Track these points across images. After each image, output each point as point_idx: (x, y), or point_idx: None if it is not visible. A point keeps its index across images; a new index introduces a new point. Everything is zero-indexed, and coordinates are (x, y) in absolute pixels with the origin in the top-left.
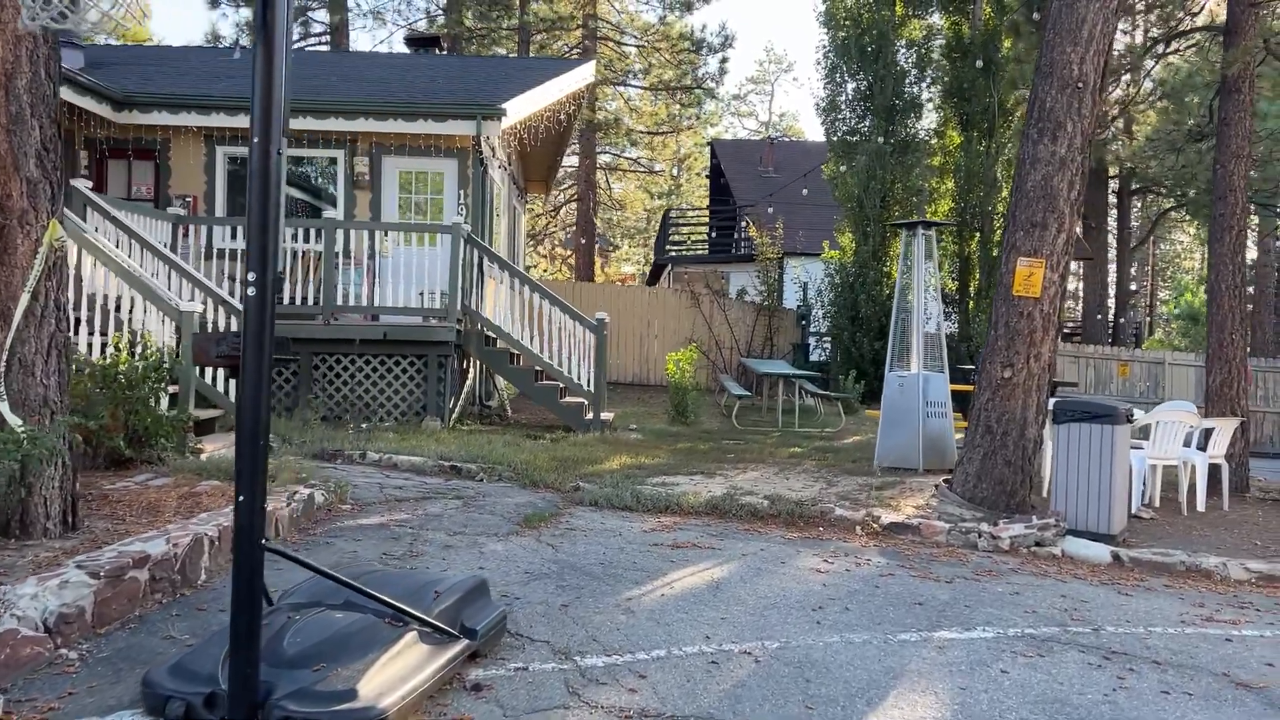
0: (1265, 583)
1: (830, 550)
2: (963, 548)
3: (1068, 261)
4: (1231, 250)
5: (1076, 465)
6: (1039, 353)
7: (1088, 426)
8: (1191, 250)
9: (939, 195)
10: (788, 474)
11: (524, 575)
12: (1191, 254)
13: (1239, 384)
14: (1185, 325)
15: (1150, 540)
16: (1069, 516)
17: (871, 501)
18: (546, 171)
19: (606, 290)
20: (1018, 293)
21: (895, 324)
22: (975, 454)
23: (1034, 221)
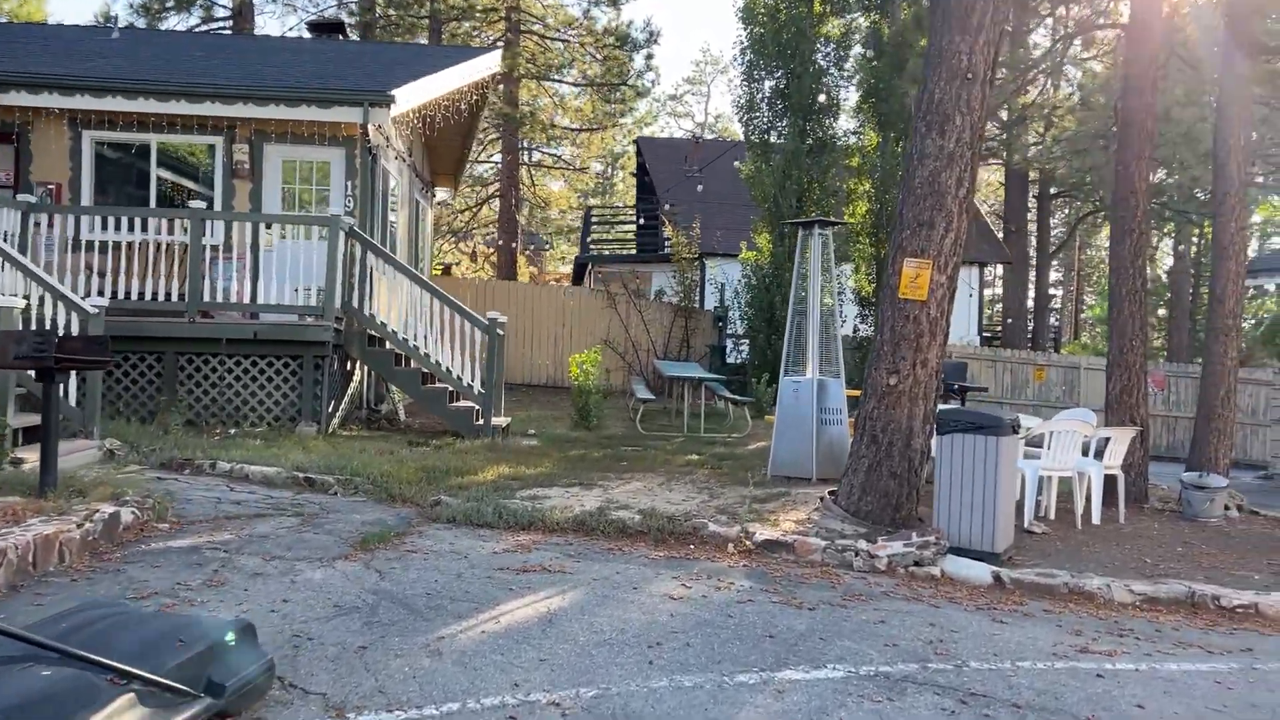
0: (1148, 605)
1: (694, 572)
2: (838, 567)
3: (957, 263)
4: (1132, 254)
5: (960, 479)
6: (926, 359)
7: (971, 438)
8: None
9: (856, 196)
10: (675, 484)
11: (331, 610)
12: None
13: (1139, 391)
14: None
15: (1038, 558)
16: (952, 533)
17: (750, 516)
18: (455, 165)
19: (522, 290)
20: (904, 295)
21: (791, 326)
22: (860, 465)
23: (921, 220)
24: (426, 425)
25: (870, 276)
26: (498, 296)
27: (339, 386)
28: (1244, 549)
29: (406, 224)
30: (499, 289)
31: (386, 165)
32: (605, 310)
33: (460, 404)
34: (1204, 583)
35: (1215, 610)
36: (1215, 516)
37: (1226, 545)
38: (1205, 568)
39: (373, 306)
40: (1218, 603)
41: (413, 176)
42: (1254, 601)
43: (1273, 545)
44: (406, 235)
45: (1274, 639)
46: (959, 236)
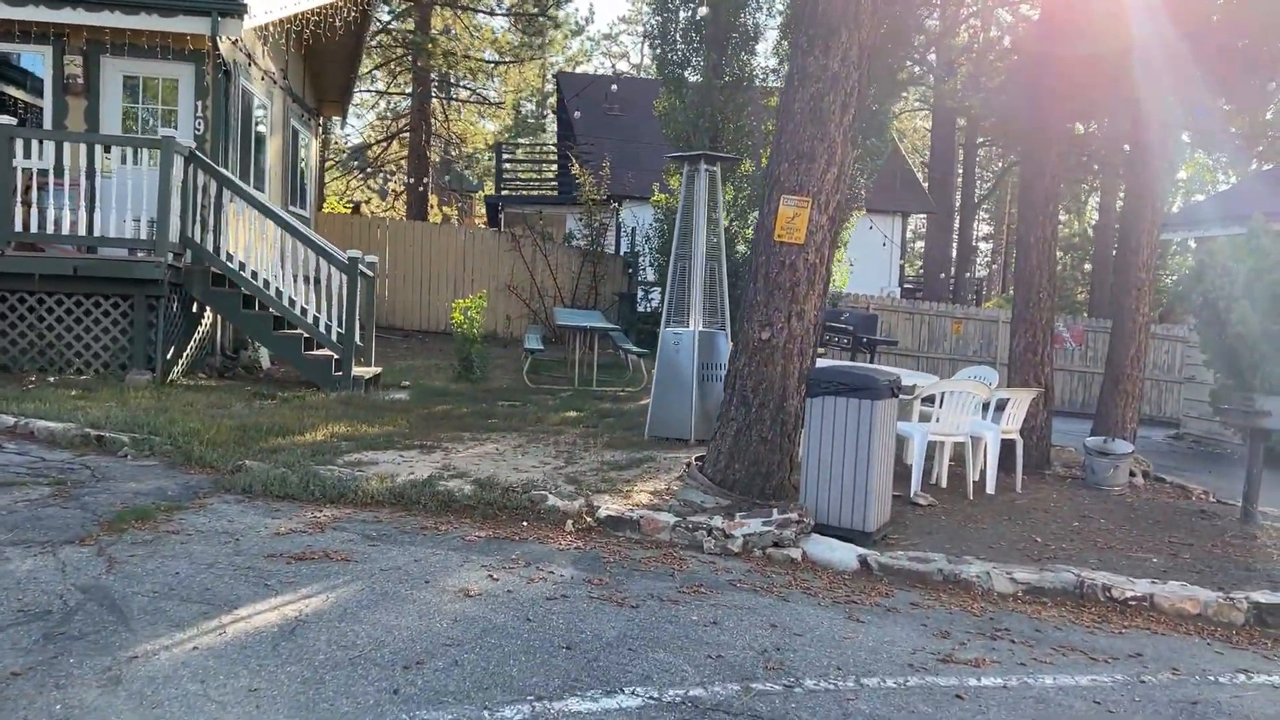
0: (1031, 598)
1: (512, 557)
2: (686, 549)
3: (840, 201)
4: (1043, 199)
5: (830, 448)
6: (802, 310)
7: (844, 401)
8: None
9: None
10: (537, 446)
11: (13, 615)
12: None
13: (1044, 349)
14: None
15: (918, 536)
16: (821, 509)
17: (602, 486)
18: (341, 92)
19: (418, 230)
20: (779, 238)
21: (673, 273)
22: (729, 429)
23: (800, 151)
24: (291, 376)
25: None
26: (393, 237)
27: (181, 330)
28: (1145, 523)
29: (281, 153)
30: (394, 229)
31: (249, 86)
32: (509, 254)
33: (318, 352)
34: (1097, 567)
35: (1105, 603)
36: (1119, 485)
37: (1127, 519)
38: (1101, 547)
39: (222, 242)
40: (1109, 594)
41: (288, 101)
42: (1148, 593)
43: (1175, 518)
44: (281, 166)
45: (1166, 640)
46: (843, 171)
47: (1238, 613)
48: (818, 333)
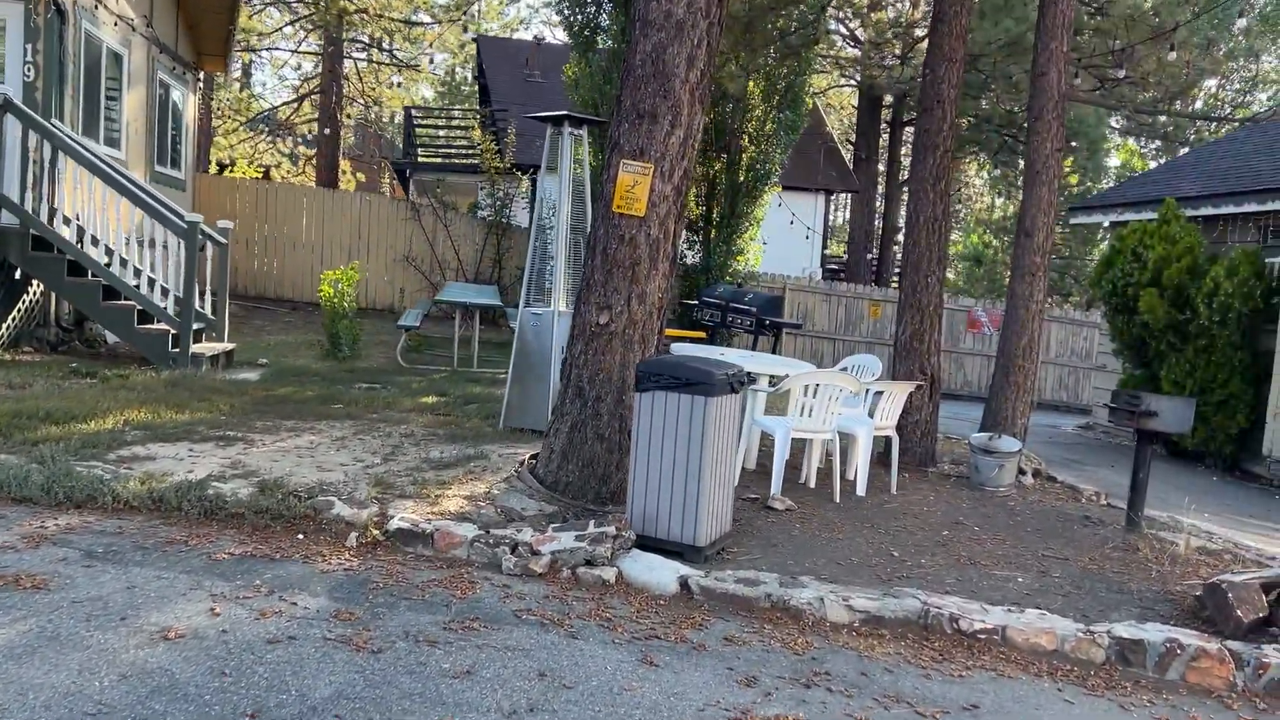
0: (868, 630)
1: (257, 582)
2: (483, 569)
3: (687, 169)
4: (934, 175)
5: (659, 450)
6: (644, 292)
7: (675, 396)
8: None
9: None
10: (367, 437)
11: None
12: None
13: (931, 336)
14: (969, 267)
15: (762, 549)
16: (649, 520)
17: (412, 489)
18: (222, 44)
19: (311, 195)
20: (618, 209)
21: (533, 248)
22: (563, 424)
23: (641, 110)
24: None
25: (700, 199)
26: (281, 203)
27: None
28: (1023, 531)
29: (144, 108)
30: (283, 193)
31: (96, 32)
32: (406, 223)
33: (154, 327)
34: (953, 588)
35: (952, 636)
36: (1005, 485)
37: (1005, 526)
38: (965, 562)
39: (54, 202)
40: (956, 625)
41: (154, 52)
42: (1000, 625)
43: (1057, 525)
44: (145, 122)
45: (1012, 686)
46: (691, 135)
47: (1098, 649)
48: (663, 317)
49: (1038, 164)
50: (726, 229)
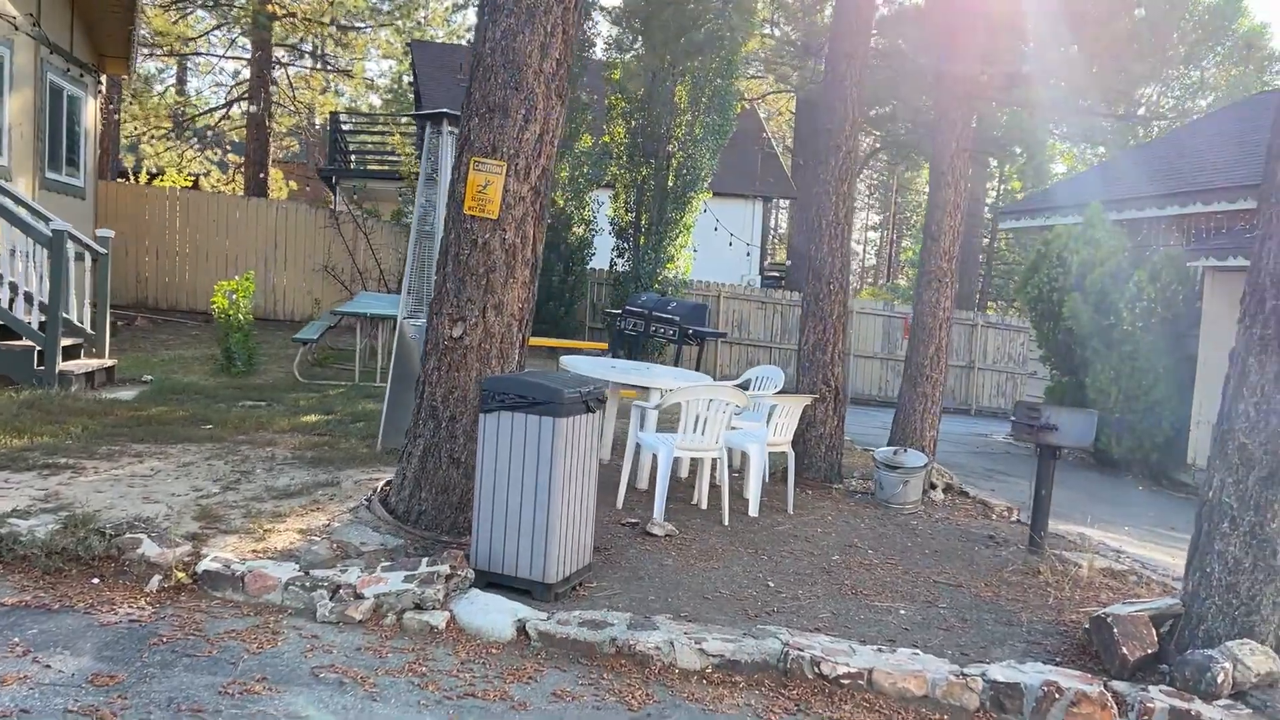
0: (722, 676)
1: (16, 640)
2: (298, 615)
3: (546, 168)
4: (837, 176)
5: (506, 477)
6: (500, 301)
7: (521, 418)
8: None
9: (616, 114)
10: (214, 462)
11: None
12: None
13: (835, 347)
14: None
15: (624, 584)
16: (495, 555)
17: (242, 522)
18: (124, 47)
19: (223, 203)
20: (470, 211)
21: (412, 252)
22: (416, 448)
23: (492, 104)
24: None
25: (629, 205)
26: (195, 211)
27: None
28: (920, 554)
29: (30, 111)
30: (197, 202)
31: None
32: (324, 231)
33: (17, 343)
34: (827, 623)
35: (813, 681)
36: (910, 502)
37: (901, 548)
38: (847, 591)
39: None
40: (818, 669)
41: (43, 53)
42: (867, 667)
43: (957, 546)
44: (32, 125)
45: None
46: (549, 130)
47: (971, 694)
48: (526, 329)
49: (942, 165)
50: (655, 236)
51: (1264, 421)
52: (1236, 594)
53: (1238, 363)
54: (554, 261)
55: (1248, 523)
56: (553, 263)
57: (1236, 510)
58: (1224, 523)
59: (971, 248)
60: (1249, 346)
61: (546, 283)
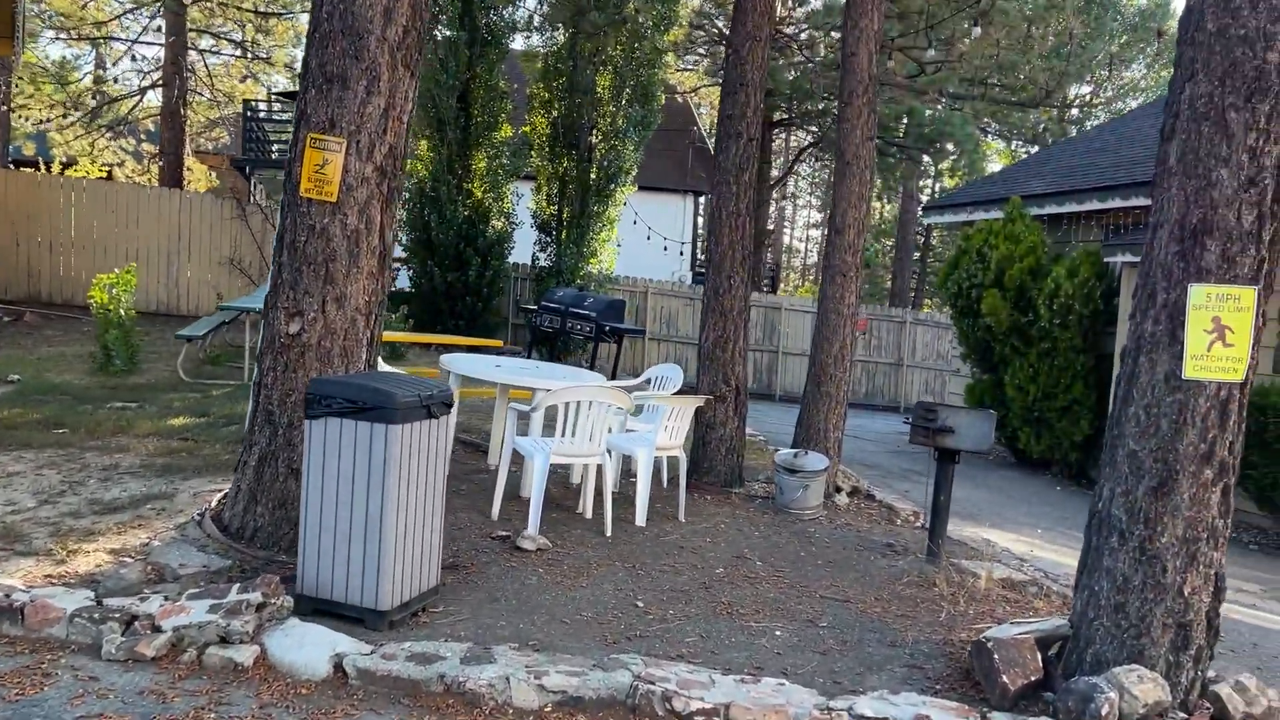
0: (563, 714)
1: None
2: (82, 653)
3: (396, 146)
4: (738, 163)
5: (335, 491)
6: (343, 294)
7: (351, 424)
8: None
9: (538, 104)
10: (48, 471)
11: None
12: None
13: (736, 344)
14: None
15: (475, 607)
16: (324, 579)
17: (48, 541)
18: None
19: (122, 193)
20: (307, 193)
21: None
22: (251, 456)
23: (330, 73)
24: None
25: (551, 198)
26: (92, 201)
27: None
28: (812, 564)
29: None
30: (95, 191)
31: None
32: (231, 223)
33: None
34: (693, 649)
35: (664, 718)
36: (811, 507)
37: (794, 559)
38: (723, 610)
39: None
40: (669, 706)
41: None
42: (724, 702)
43: (854, 555)
44: None
45: None
46: (396, 104)
47: None
48: (376, 324)
49: (848, 154)
50: (578, 229)
51: (1154, 426)
52: (1126, 615)
53: (1128, 362)
54: (471, 255)
55: (1137, 537)
56: (470, 257)
57: (1126, 523)
58: (1113, 537)
59: (907, 245)
60: (1139, 344)
61: (464, 278)
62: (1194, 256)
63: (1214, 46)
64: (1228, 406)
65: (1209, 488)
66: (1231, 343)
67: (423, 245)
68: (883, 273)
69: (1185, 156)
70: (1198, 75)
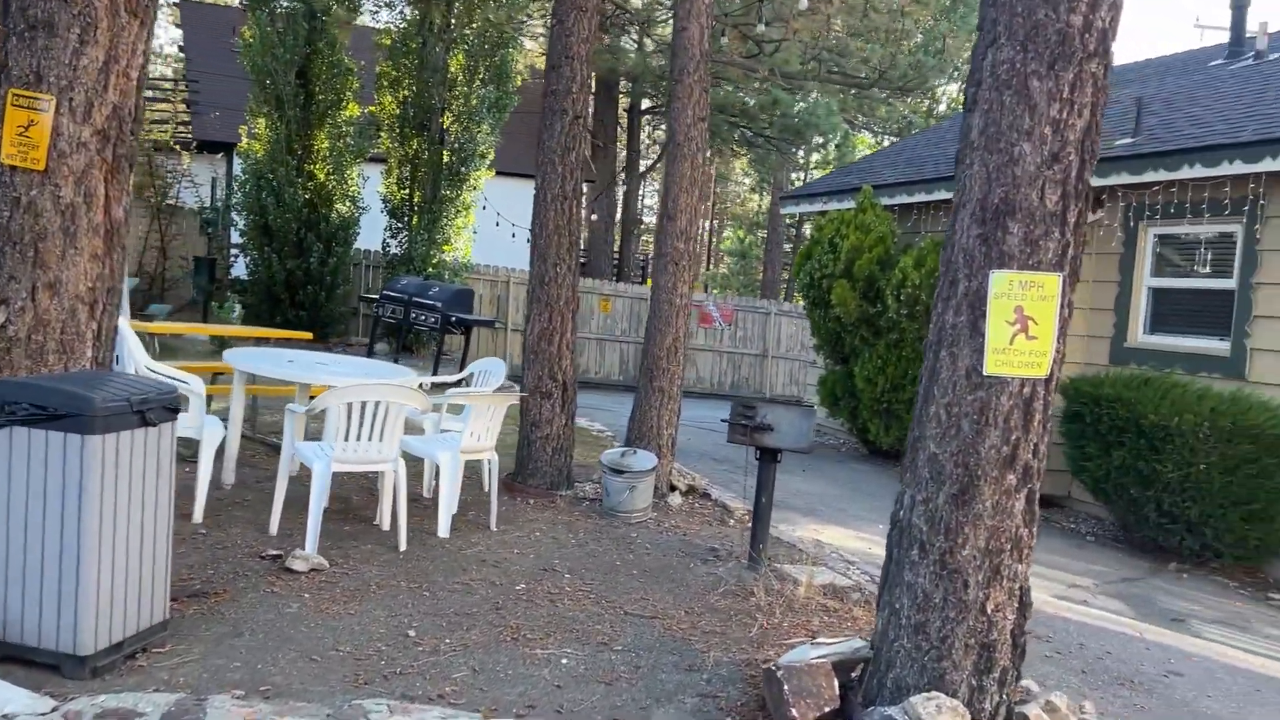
0: None
1: None
2: None
3: (122, 107)
4: (563, 143)
5: (23, 514)
6: (57, 279)
7: (41, 435)
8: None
9: (386, 83)
10: None
11: None
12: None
13: (564, 336)
14: (735, 261)
15: (209, 645)
16: (11, 617)
17: None
18: None
19: None
20: (9, 160)
21: None
22: None
23: (34, 19)
24: None
25: (402, 181)
26: None
27: None
28: (626, 575)
29: None
30: None
31: None
32: None
33: None
34: (461, 682)
35: None
36: (640, 509)
37: (607, 569)
38: (509, 634)
39: None
40: None
41: None
42: None
43: (675, 563)
44: None
45: None
46: (121, 58)
47: None
48: (107, 314)
49: (679, 135)
50: (429, 215)
51: (955, 427)
52: (927, 635)
53: (929, 356)
54: (313, 242)
55: (938, 549)
56: (311, 243)
57: (926, 534)
58: (914, 549)
59: (778, 237)
60: (940, 336)
61: (305, 265)
62: (996, 240)
63: (1015, 7)
64: (1031, 405)
65: (1012, 494)
66: (1035, 335)
67: (260, 230)
68: (756, 264)
69: (988, 129)
70: (1000, 39)
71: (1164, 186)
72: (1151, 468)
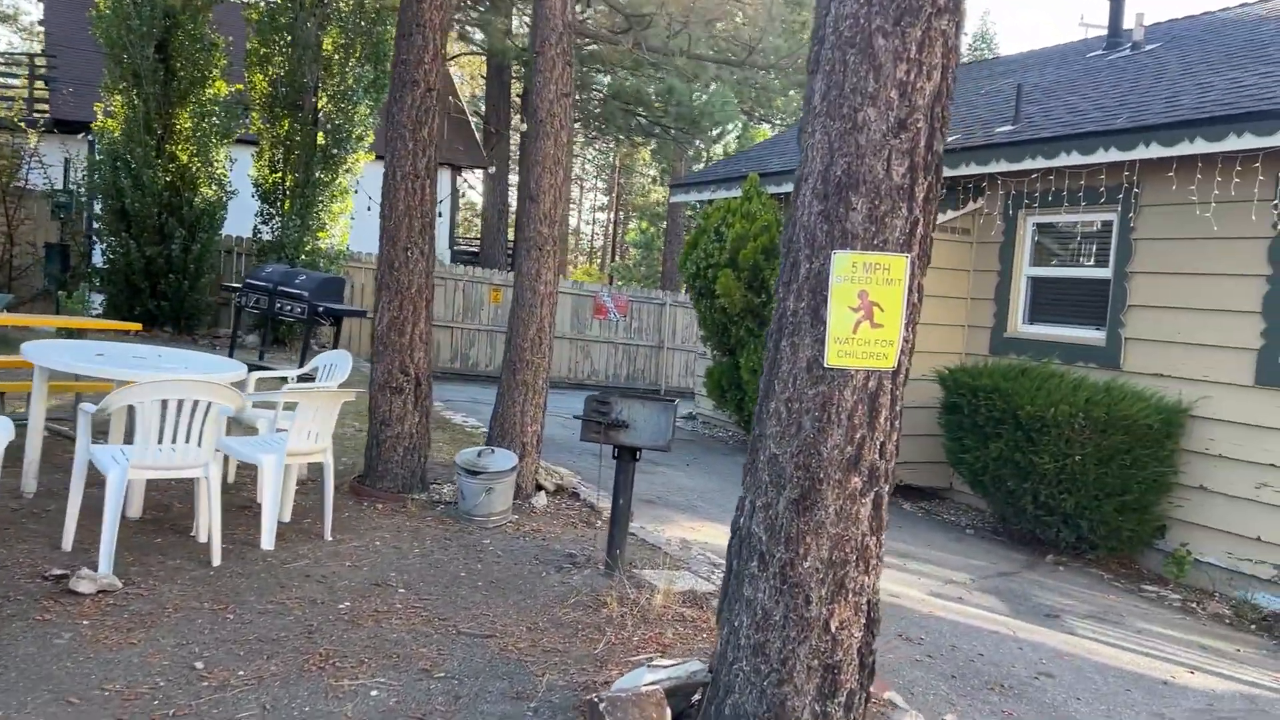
0: None
1: None
2: None
3: None
4: (414, 118)
5: None
6: None
7: None
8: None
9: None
10: None
11: None
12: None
13: (416, 326)
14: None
15: None
16: None
17: None
18: None
19: None
20: None
21: None
22: None
23: None
24: None
25: (274, 164)
26: None
27: None
28: (469, 587)
29: None
30: None
31: None
32: None
33: None
34: None
35: None
36: (498, 511)
37: (449, 581)
38: (315, 663)
39: None
40: None
41: None
42: None
43: (526, 571)
44: None
45: None
46: None
47: None
48: None
49: (541, 111)
50: (302, 199)
51: (796, 425)
52: (766, 657)
53: (770, 346)
54: (175, 227)
55: (778, 560)
56: (173, 229)
57: (767, 544)
58: (753, 561)
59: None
60: (781, 325)
61: (166, 252)
62: (838, 217)
63: None
64: (877, 400)
65: (857, 499)
66: (880, 323)
67: (116, 215)
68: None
69: (829, 93)
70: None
71: (1042, 174)
72: (1028, 459)
